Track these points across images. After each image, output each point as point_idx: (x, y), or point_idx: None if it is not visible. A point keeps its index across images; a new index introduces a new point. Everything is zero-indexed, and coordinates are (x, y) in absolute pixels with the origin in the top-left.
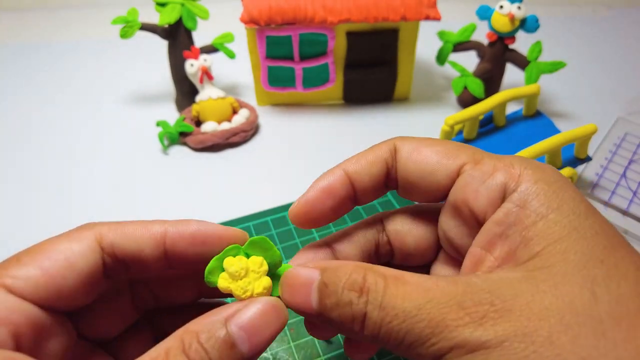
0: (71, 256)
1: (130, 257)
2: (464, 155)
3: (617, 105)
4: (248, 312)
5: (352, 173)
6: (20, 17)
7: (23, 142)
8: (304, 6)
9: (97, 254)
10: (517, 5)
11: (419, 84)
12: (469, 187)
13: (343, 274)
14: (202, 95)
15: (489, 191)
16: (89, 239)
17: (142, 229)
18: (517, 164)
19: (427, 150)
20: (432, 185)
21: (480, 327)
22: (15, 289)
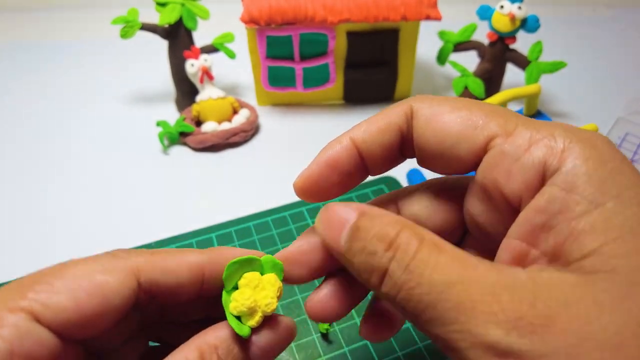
0: (107, 292)
1: (168, 292)
2: (493, 124)
3: (617, 105)
4: (269, 334)
5: (361, 142)
6: (20, 17)
7: (23, 141)
8: (304, 6)
9: (132, 290)
10: (518, 5)
11: (420, 84)
12: (499, 166)
13: (378, 223)
14: (202, 95)
15: (525, 171)
16: (126, 273)
17: (181, 263)
18: (561, 134)
19: (449, 116)
20: (454, 160)
21: (515, 331)
22: (44, 318)
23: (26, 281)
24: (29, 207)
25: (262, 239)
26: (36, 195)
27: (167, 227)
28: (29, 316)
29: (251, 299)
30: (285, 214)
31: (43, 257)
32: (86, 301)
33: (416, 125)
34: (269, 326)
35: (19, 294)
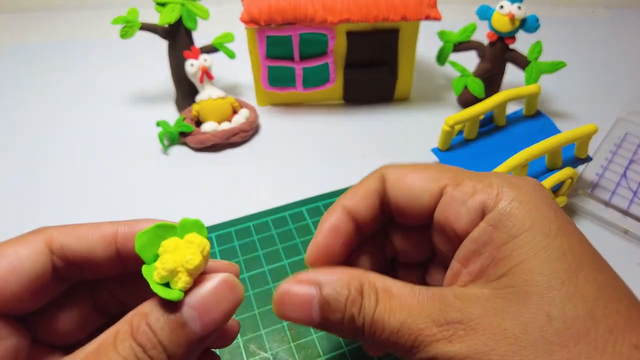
0: (15, 259)
1: (81, 259)
2: (445, 178)
3: (617, 105)
4: (200, 290)
5: (351, 208)
6: (20, 17)
7: (22, 141)
8: (304, 6)
9: (46, 256)
10: (518, 5)
11: (419, 84)
12: (450, 208)
13: (342, 289)
14: (202, 95)
15: (469, 211)
16: (38, 242)
17: (93, 230)
18: (496, 182)
19: (412, 176)
20: (419, 208)
21: (449, 344)
22: None
23: None
24: (29, 207)
25: (262, 239)
26: (35, 195)
27: None
28: None
29: (170, 261)
30: (285, 214)
31: None
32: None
33: (388, 186)
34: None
35: None
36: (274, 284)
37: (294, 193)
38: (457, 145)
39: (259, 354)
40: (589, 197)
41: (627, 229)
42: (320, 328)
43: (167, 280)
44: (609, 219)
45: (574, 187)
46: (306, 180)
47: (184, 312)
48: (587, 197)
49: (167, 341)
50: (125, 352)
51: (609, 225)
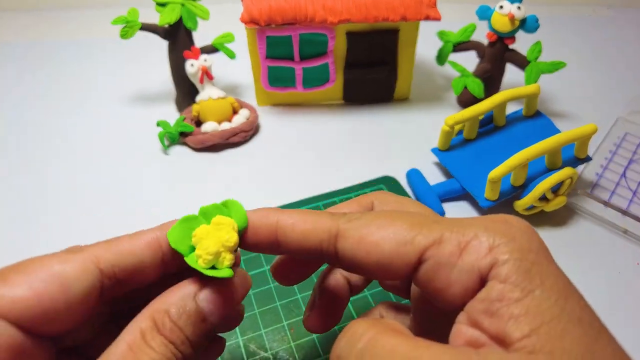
0: (64, 278)
1: (132, 273)
2: (420, 237)
3: (617, 105)
4: (215, 285)
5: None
6: (20, 17)
7: (22, 141)
8: (304, 6)
9: (95, 276)
10: (517, 5)
11: (419, 84)
12: (438, 275)
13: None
14: (202, 95)
15: (462, 277)
16: (85, 261)
17: (136, 241)
18: (484, 234)
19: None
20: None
21: None
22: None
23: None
24: (29, 207)
25: None
26: (35, 195)
27: None
28: None
29: (211, 245)
30: None
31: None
32: (44, 289)
33: (345, 245)
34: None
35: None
36: (274, 284)
37: (294, 193)
38: (457, 145)
39: (259, 354)
40: (589, 197)
41: (626, 229)
42: None
43: (213, 263)
44: (608, 218)
45: (574, 187)
46: (306, 180)
47: (204, 307)
48: (586, 197)
49: (192, 335)
50: (161, 349)
51: (609, 225)
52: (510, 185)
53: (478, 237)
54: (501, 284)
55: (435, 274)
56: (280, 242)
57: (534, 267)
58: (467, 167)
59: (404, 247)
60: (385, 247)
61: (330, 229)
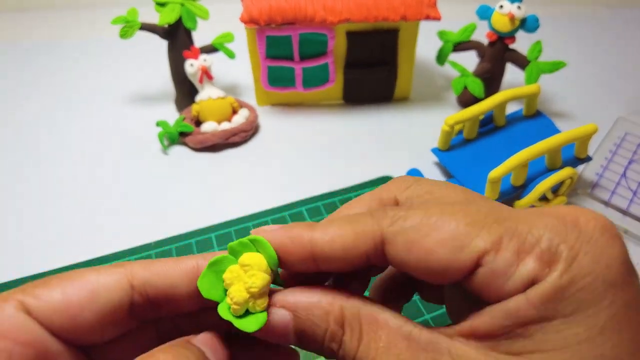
0: (96, 287)
1: (163, 296)
2: (479, 240)
3: (617, 105)
4: None
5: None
6: (20, 17)
7: (22, 141)
8: (304, 6)
9: (126, 291)
10: (517, 5)
11: (419, 83)
12: (491, 284)
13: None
14: (202, 95)
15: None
16: (119, 275)
17: (174, 266)
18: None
19: (431, 241)
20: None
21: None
22: (33, 309)
23: (31, 282)
24: (28, 207)
25: None
26: (35, 195)
27: (167, 227)
28: (19, 305)
29: (237, 294)
30: (285, 214)
31: (42, 257)
32: (73, 294)
33: (395, 253)
34: None
35: (20, 289)
36: None
37: (294, 193)
38: (457, 145)
39: None
40: (589, 197)
41: (626, 229)
42: None
43: (243, 310)
44: (608, 218)
45: (574, 187)
46: (306, 180)
47: None
48: (586, 197)
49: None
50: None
51: None
52: (510, 186)
53: (540, 245)
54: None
55: (490, 283)
56: (319, 262)
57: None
58: (467, 167)
59: (460, 254)
60: (439, 254)
61: (374, 236)
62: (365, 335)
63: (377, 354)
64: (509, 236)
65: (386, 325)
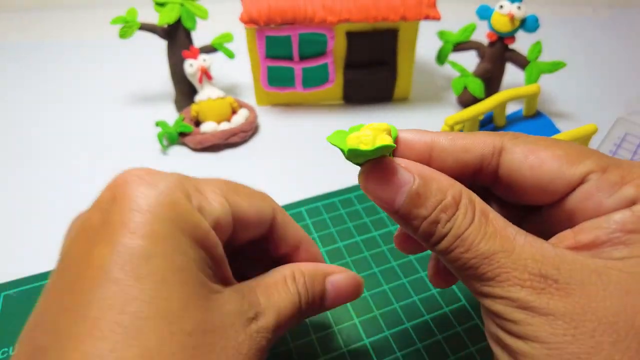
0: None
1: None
2: (589, 162)
3: (617, 105)
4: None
5: (438, 148)
6: (20, 17)
7: (22, 141)
8: (304, 6)
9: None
10: (517, 5)
11: (419, 84)
12: (591, 200)
13: (438, 190)
14: (201, 95)
15: (615, 204)
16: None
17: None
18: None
19: (547, 153)
20: (549, 193)
21: (535, 294)
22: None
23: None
24: (29, 207)
25: None
26: (35, 195)
27: None
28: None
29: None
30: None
31: (42, 258)
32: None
33: (512, 160)
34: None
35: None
36: None
37: (294, 193)
38: None
39: None
40: None
41: None
42: (397, 217)
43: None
44: None
45: None
46: (306, 181)
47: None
48: None
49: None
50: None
51: None
52: None
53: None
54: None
55: (591, 197)
56: (434, 157)
57: None
58: None
59: (570, 168)
60: (552, 165)
61: (494, 143)
62: (477, 219)
63: (485, 235)
64: (615, 165)
65: (495, 221)
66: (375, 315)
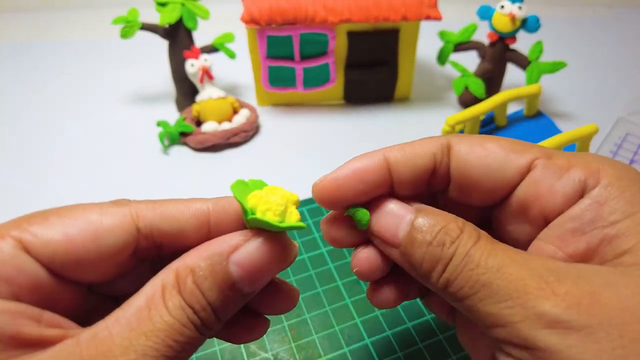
0: (99, 229)
1: (169, 238)
2: (535, 149)
3: (618, 105)
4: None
5: (393, 162)
6: (20, 17)
7: (23, 141)
8: (305, 6)
9: (130, 234)
10: (518, 5)
11: (420, 84)
12: (542, 183)
13: (441, 219)
14: (202, 95)
15: (566, 188)
16: (123, 216)
17: (183, 208)
18: (594, 159)
19: (492, 144)
20: (498, 182)
21: (563, 304)
22: (32, 248)
23: (26, 216)
24: (29, 207)
25: None
26: (35, 195)
27: None
28: (17, 244)
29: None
30: None
31: None
32: (76, 236)
33: (459, 153)
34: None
35: (14, 225)
36: None
37: (294, 193)
38: None
39: (259, 354)
40: None
41: None
42: (400, 254)
43: (283, 216)
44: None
45: None
46: (306, 181)
47: (234, 272)
48: None
49: (216, 302)
50: (177, 312)
51: None
52: None
53: (589, 161)
54: (599, 205)
55: (540, 183)
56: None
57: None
58: None
59: (516, 156)
60: (498, 154)
61: (441, 142)
62: (483, 239)
63: (493, 251)
64: (559, 153)
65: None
66: (376, 315)
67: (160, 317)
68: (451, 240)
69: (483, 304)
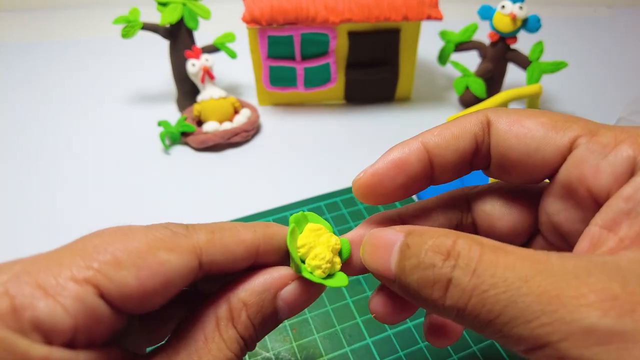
0: (169, 273)
1: (219, 267)
2: (576, 127)
3: (618, 105)
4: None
5: (433, 147)
6: (20, 17)
7: (24, 141)
8: (306, 6)
9: (193, 272)
10: (519, 5)
11: (421, 84)
12: (586, 163)
13: (429, 237)
14: (203, 95)
15: (614, 166)
16: (189, 254)
17: (237, 241)
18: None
19: (531, 122)
20: (538, 162)
21: (613, 311)
22: (107, 294)
23: (89, 248)
24: (30, 208)
25: None
26: (36, 195)
27: None
28: (95, 290)
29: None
30: (287, 213)
31: None
32: (149, 281)
33: (497, 131)
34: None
35: (83, 263)
36: None
37: (295, 193)
38: None
39: (260, 354)
40: None
41: None
42: (397, 286)
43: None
44: None
45: None
46: (307, 180)
47: (280, 307)
48: None
49: (260, 332)
50: (233, 345)
51: None
52: None
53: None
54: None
55: (585, 162)
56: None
57: None
58: None
59: (557, 133)
60: (538, 131)
61: (480, 119)
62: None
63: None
64: (604, 128)
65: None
66: None
67: (220, 351)
68: (442, 259)
69: (509, 328)
